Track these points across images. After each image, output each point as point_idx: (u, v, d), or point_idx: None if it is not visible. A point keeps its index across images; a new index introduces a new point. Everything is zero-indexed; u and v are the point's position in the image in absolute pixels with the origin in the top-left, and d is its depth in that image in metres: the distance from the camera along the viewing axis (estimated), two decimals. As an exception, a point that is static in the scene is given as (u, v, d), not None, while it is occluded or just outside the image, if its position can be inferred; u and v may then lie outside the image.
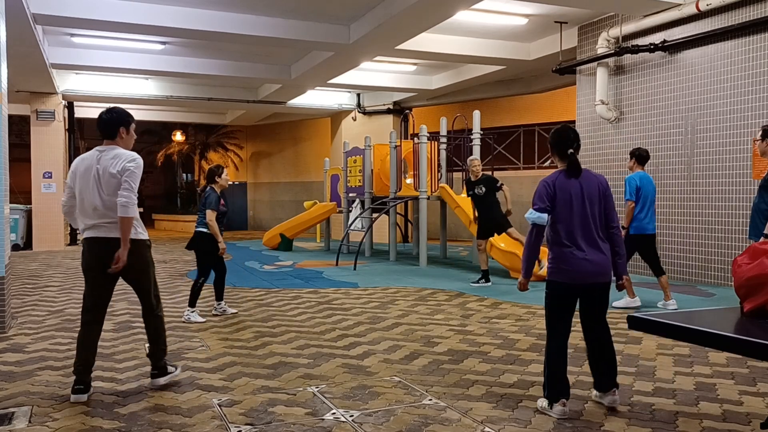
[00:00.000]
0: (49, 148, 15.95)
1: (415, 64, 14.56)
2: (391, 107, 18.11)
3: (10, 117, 15.33)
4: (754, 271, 2.96)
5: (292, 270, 11.36)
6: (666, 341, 5.55)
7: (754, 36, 8.52)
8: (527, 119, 17.09)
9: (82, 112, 19.14)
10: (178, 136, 25.68)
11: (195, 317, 6.82)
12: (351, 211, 14.57)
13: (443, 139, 12.51)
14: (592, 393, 4.11)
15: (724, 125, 8.95)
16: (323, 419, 3.82)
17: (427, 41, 11.81)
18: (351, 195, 14.54)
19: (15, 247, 14.94)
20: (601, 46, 10.49)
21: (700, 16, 9.10)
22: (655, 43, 9.67)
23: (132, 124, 4.40)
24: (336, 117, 19.55)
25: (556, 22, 11.14)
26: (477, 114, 11.82)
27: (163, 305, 4.68)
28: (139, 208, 4.58)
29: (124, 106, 4.60)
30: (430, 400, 4.17)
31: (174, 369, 4.59)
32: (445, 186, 11.90)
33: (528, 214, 3.87)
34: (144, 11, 10.01)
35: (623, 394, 4.21)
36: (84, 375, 4.21)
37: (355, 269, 11.15)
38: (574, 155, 3.90)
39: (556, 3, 9.42)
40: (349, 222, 14.23)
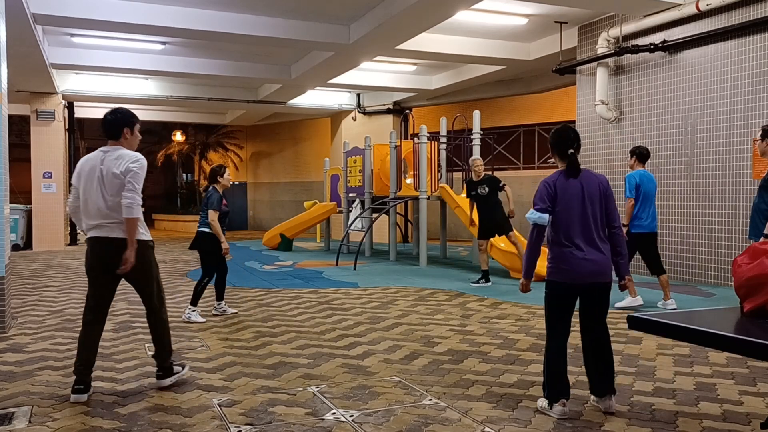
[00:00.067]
0: (49, 148, 15.96)
1: (415, 64, 14.56)
2: (391, 107, 18.11)
3: (10, 117, 15.33)
4: (754, 271, 2.96)
5: (292, 270, 11.37)
6: (666, 341, 5.55)
7: (754, 36, 8.53)
8: (527, 119, 17.09)
9: (82, 112, 19.17)
10: (178, 136, 25.67)
11: (195, 317, 6.82)
12: (351, 211, 14.57)
13: (443, 139, 12.52)
14: (591, 398, 4.09)
15: (724, 125, 8.95)
16: (323, 419, 3.82)
17: (427, 41, 11.81)
18: (351, 195, 14.54)
19: (15, 247, 14.94)
20: (601, 46, 10.49)
21: (700, 16, 9.10)
22: (655, 43, 9.67)
23: (137, 125, 4.41)
24: (336, 117, 19.55)
25: (556, 22, 11.14)
26: (477, 114, 11.82)
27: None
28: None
29: (124, 106, 4.60)
30: (430, 400, 4.17)
31: (181, 369, 4.59)
32: (445, 186, 11.90)
33: (529, 215, 3.87)
34: (144, 11, 10.01)
35: (623, 394, 4.21)
36: (84, 375, 4.22)
37: (355, 269, 11.15)
38: (575, 155, 3.91)
39: (556, 3, 9.42)
40: (349, 222, 14.22)
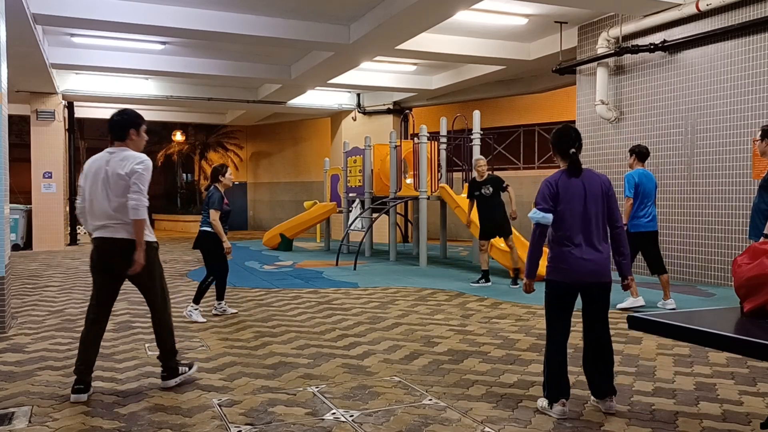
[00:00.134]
0: (49, 148, 15.96)
1: (415, 64, 14.56)
2: (391, 107, 18.11)
3: (10, 117, 15.33)
4: (754, 271, 2.96)
5: (292, 270, 11.36)
6: (666, 341, 5.55)
7: (754, 36, 8.53)
8: (527, 119, 17.09)
9: (82, 112, 19.17)
10: (178, 136, 25.65)
11: (197, 316, 6.82)
12: (351, 211, 14.57)
13: (443, 139, 12.51)
14: (591, 398, 4.09)
15: (724, 125, 8.95)
16: (323, 419, 3.82)
17: (427, 41, 11.81)
18: (351, 195, 14.53)
19: (15, 247, 14.94)
20: (601, 46, 10.49)
21: (700, 16, 9.10)
22: (655, 43, 9.67)
23: (143, 126, 4.41)
24: (336, 117, 19.55)
25: (556, 22, 11.14)
26: (477, 114, 11.82)
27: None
28: None
29: (124, 106, 4.60)
30: (430, 400, 4.17)
31: (186, 369, 4.59)
32: (445, 186, 11.90)
33: (532, 214, 3.87)
34: (144, 11, 10.01)
35: (623, 394, 4.21)
36: (85, 375, 4.23)
37: (355, 269, 11.15)
38: (576, 154, 3.91)
39: (556, 3, 9.42)
40: (349, 222, 14.22)
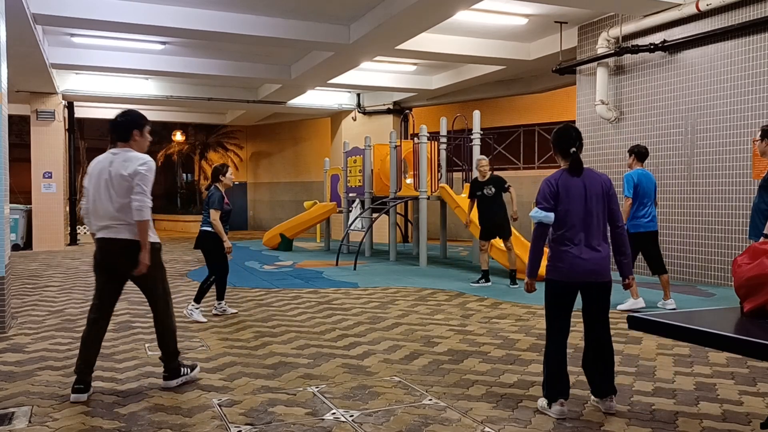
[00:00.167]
0: (49, 148, 15.95)
1: (415, 64, 14.56)
2: (391, 107, 18.10)
3: (10, 117, 15.33)
4: (754, 271, 2.96)
5: (292, 270, 11.36)
6: (666, 341, 5.55)
7: (754, 36, 8.53)
8: (527, 119, 17.08)
9: (82, 112, 19.16)
10: (178, 136, 25.65)
11: (197, 315, 6.81)
12: (351, 211, 14.56)
13: (443, 139, 12.51)
14: (591, 398, 4.09)
15: (724, 125, 8.95)
16: (323, 419, 3.82)
17: (427, 41, 11.80)
18: (351, 195, 14.53)
19: (15, 247, 14.94)
20: (601, 46, 10.49)
21: (700, 16, 9.10)
22: (655, 43, 9.67)
23: (146, 127, 4.40)
24: (336, 117, 19.54)
25: (556, 22, 11.14)
26: (477, 114, 11.81)
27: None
28: None
29: (124, 106, 4.60)
30: (430, 400, 4.17)
31: (188, 370, 4.58)
32: (445, 186, 11.90)
33: (534, 213, 3.87)
34: (144, 11, 10.01)
35: (623, 394, 4.21)
36: (85, 374, 4.23)
37: (355, 269, 11.15)
38: (577, 154, 3.90)
39: (556, 3, 9.42)
40: (349, 222, 14.22)
